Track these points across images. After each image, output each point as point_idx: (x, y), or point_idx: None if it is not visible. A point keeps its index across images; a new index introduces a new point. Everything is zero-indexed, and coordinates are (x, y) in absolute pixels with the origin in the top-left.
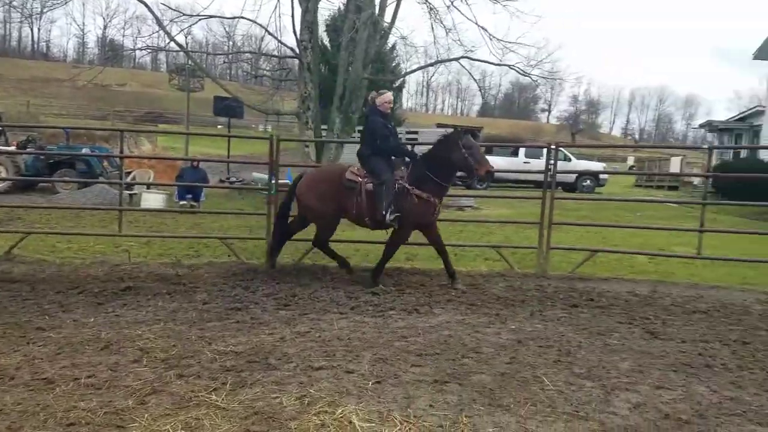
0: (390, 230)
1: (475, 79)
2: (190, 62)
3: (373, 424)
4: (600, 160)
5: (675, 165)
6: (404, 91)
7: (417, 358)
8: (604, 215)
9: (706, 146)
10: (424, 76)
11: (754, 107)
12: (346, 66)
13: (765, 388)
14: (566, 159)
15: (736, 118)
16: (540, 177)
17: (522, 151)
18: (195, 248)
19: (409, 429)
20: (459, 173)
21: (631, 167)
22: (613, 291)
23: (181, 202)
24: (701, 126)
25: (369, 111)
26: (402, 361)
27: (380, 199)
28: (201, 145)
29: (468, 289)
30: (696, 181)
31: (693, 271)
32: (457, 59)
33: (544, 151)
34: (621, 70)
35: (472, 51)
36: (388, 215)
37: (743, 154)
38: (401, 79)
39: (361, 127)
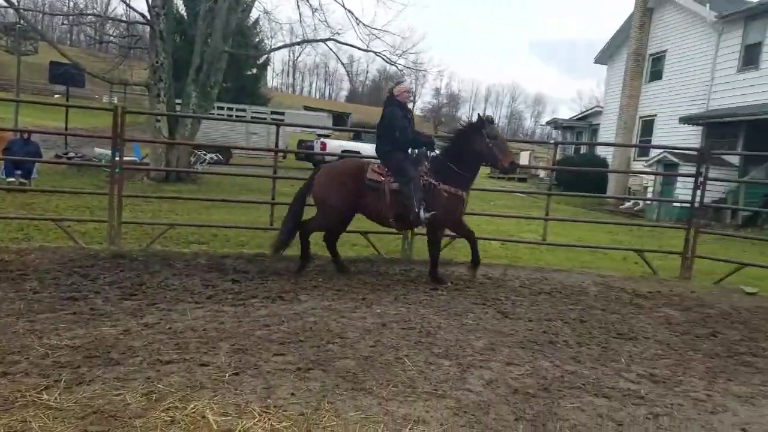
0: (418, 230)
1: (342, 63)
2: (21, 21)
3: (229, 418)
4: None
5: (524, 158)
6: (269, 69)
7: (279, 346)
8: None
9: (552, 141)
10: (290, 56)
11: (593, 108)
12: (204, 37)
13: (600, 362)
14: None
15: (578, 117)
16: None
17: None
18: (25, 231)
19: (269, 420)
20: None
21: None
22: (470, 274)
23: (9, 179)
24: (548, 123)
25: (386, 101)
26: (263, 350)
27: (410, 198)
28: (34, 116)
29: (335, 274)
30: (542, 173)
31: (539, 256)
32: (323, 40)
33: None
34: (478, 65)
35: (338, 34)
36: (422, 213)
37: (583, 150)
38: (265, 56)
39: (229, 105)
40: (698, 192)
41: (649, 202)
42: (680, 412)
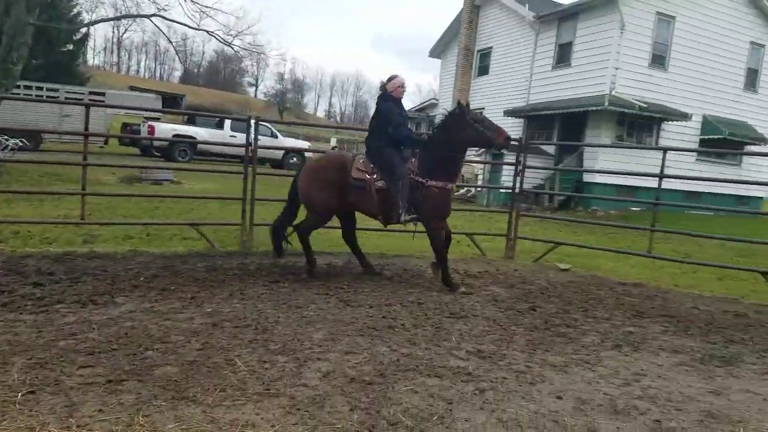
0: (407, 225)
1: (170, 41)
2: None
3: None
4: (306, 138)
5: None
6: (88, 45)
7: (87, 357)
8: None
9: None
10: (114, 32)
11: (430, 100)
12: (3, 7)
13: (434, 342)
14: (273, 135)
15: (417, 108)
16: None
17: (228, 123)
18: None
19: None
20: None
21: (333, 147)
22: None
23: None
24: None
25: (379, 97)
26: (66, 363)
27: (396, 197)
28: None
29: (161, 272)
30: None
31: (380, 242)
32: (147, 16)
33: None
34: (322, 52)
35: (165, 10)
36: (403, 216)
37: None
38: (81, 29)
39: (38, 84)
40: (518, 179)
41: (479, 188)
42: (503, 386)
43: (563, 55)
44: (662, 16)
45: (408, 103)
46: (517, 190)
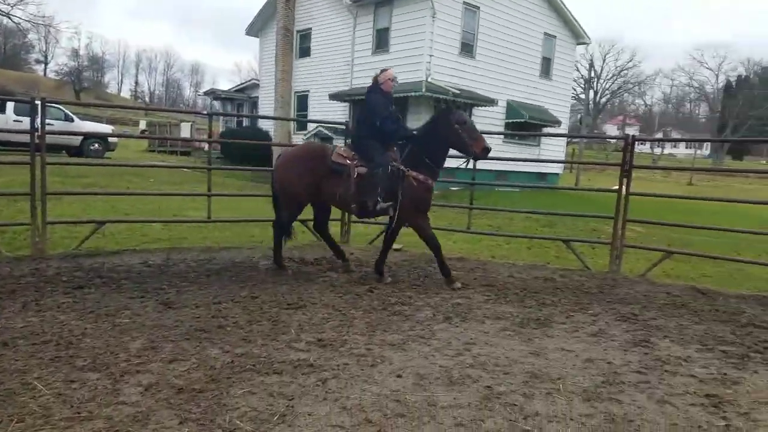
0: (378, 218)
1: None
2: None
3: None
4: (109, 122)
5: (185, 130)
6: None
7: None
8: (114, 182)
9: (205, 112)
10: None
11: (251, 80)
12: None
13: (271, 337)
14: (68, 119)
15: (236, 89)
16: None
17: (10, 106)
18: None
19: None
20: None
21: (143, 131)
22: (126, 264)
23: None
24: (206, 94)
25: (369, 89)
26: None
27: (373, 184)
28: None
29: None
30: (206, 146)
31: (206, 234)
32: None
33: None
34: (124, 25)
35: None
36: (380, 203)
37: (246, 122)
38: None
39: None
40: None
41: None
42: (345, 372)
43: (381, 41)
44: (469, 6)
45: (227, 83)
46: None
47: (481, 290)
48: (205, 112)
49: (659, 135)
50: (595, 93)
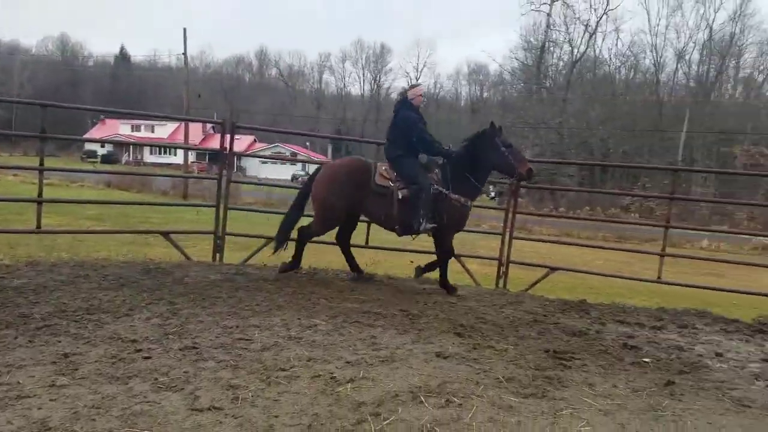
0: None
1: None
2: None
3: None
4: None
5: None
6: None
7: None
8: None
9: None
10: None
11: None
12: None
13: None
14: None
15: None
16: None
17: None
18: None
19: None
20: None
21: None
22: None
23: None
24: None
25: (399, 105)
26: None
27: (416, 207)
28: None
29: None
30: None
31: None
32: None
33: None
34: None
35: None
36: (424, 224)
37: None
38: None
39: None
40: None
41: None
42: None
43: None
44: None
45: None
46: None
47: None
48: None
49: None
50: None
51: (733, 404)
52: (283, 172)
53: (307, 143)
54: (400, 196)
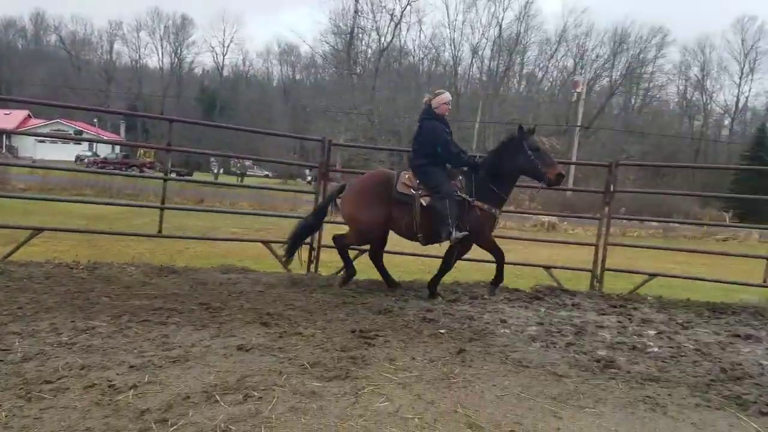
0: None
1: None
2: None
3: None
4: None
5: None
6: None
7: None
8: None
9: None
10: None
11: None
12: None
13: None
14: None
15: None
16: None
17: None
18: None
19: None
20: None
21: None
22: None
23: None
24: None
25: (423, 114)
26: None
27: (443, 216)
28: None
29: None
30: None
31: None
32: None
33: None
34: None
35: None
36: (454, 233)
37: None
38: None
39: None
40: None
41: None
42: None
43: None
44: None
45: None
46: None
47: None
48: None
49: None
50: None
51: (514, 365)
52: (66, 153)
53: (95, 120)
54: (423, 204)
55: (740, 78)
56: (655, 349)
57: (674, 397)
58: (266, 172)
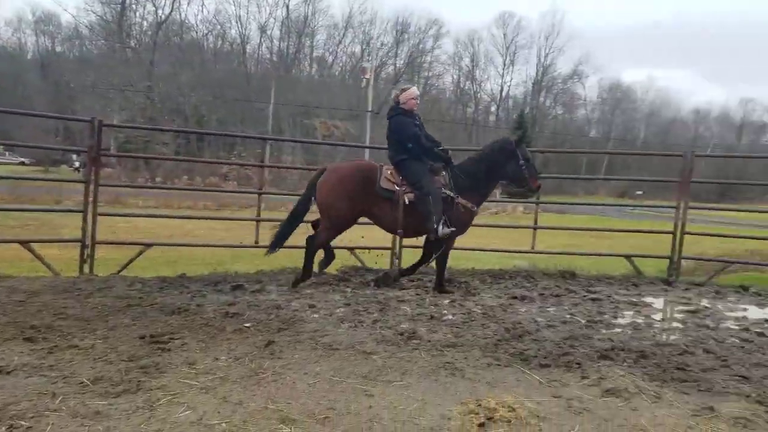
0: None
1: None
2: None
3: None
4: None
5: None
6: None
7: None
8: None
9: None
10: None
11: None
12: None
13: None
14: None
15: None
16: None
17: None
18: None
19: None
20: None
21: None
22: None
23: None
24: None
25: (391, 111)
26: None
27: (428, 212)
28: None
29: None
30: None
31: None
32: None
33: None
34: None
35: None
36: (441, 229)
37: None
38: None
39: None
40: None
41: None
42: None
43: None
44: None
45: None
46: None
47: None
48: None
49: None
50: None
51: (325, 350)
52: None
53: None
54: (407, 201)
55: (503, 69)
56: (450, 317)
57: (470, 359)
58: (21, 159)
